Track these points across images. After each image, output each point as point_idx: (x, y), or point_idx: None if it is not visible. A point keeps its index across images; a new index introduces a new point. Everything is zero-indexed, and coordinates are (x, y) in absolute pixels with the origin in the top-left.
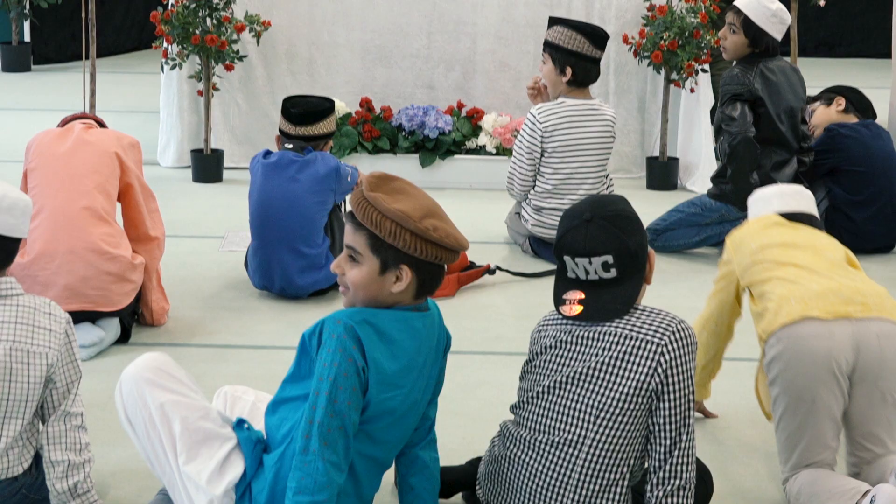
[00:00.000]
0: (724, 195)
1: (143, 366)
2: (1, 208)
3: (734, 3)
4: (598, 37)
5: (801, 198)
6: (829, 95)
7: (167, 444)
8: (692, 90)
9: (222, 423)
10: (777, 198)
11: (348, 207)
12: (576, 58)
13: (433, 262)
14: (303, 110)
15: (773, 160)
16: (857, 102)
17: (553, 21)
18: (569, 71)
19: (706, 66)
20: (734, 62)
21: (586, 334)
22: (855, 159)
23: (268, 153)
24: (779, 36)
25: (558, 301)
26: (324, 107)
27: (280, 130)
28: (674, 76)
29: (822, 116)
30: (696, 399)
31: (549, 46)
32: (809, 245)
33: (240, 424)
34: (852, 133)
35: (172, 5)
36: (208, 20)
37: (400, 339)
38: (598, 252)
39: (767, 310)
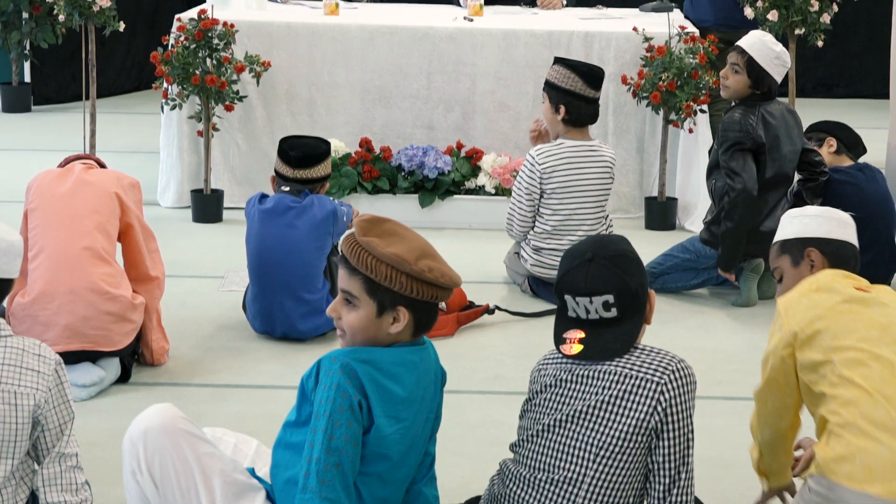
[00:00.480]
0: (716, 241)
1: (171, 416)
2: None
3: (738, 42)
4: (593, 76)
5: (846, 226)
6: (819, 136)
7: (205, 498)
8: (690, 130)
9: (248, 474)
10: (818, 220)
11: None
12: (570, 96)
13: (429, 301)
14: (302, 153)
15: (769, 206)
16: (847, 140)
17: (555, 61)
18: (563, 110)
19: (705, 107)
20: (734, 103)
21: (586, 373)
22: (851, 205)
23: (263, 197)
24: (779, 78)
25: (558, 340)
26: (321, 149)
27: (276, 172)
28: (672, 116)
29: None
30: (774, 485)
31: (546, 85)
32: (884, 335)
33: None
34: (848, 178)
35: (173, 46)
36: (208, 61)
37: (398, 373)
38: (599, 291)
39: (828, 437)
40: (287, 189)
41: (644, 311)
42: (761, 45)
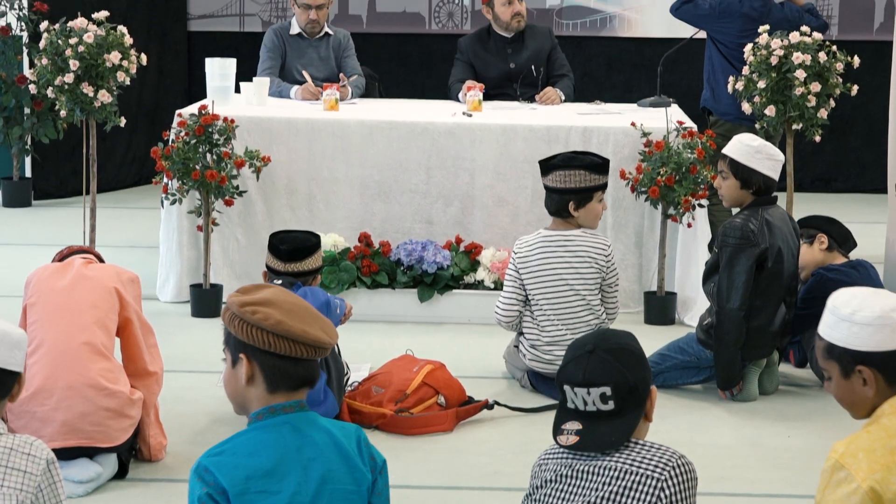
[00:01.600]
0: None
1: None
2: None
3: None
4: (543, 164)
5: None
6: (809, 233)
7: None
8: (689, 225)
9: None
10: (869, 331)
11: None
12: (546, 190)
13: (269, 352)
14: (292, 247)
15: (770, 308)
16: (838, 236)
17: (553, 167)
18: (572, 205)
19: (703, 201)
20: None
21: (586, 468)
22: None
23: None
24: (771, 173)
25: (556, 430)
26: (311, 242)
27: (268, 266)
28: (671, 211)
29: (807, 257)
30: None
31: (555, 192)
32: None
33: None
34: (842, 277)
35: (173, 141)
36: (209, 156)
37: (257, 449)
38: (597, 383)
39: None
40: (279, 282)
41: (643, 407)
42: (739, 145)
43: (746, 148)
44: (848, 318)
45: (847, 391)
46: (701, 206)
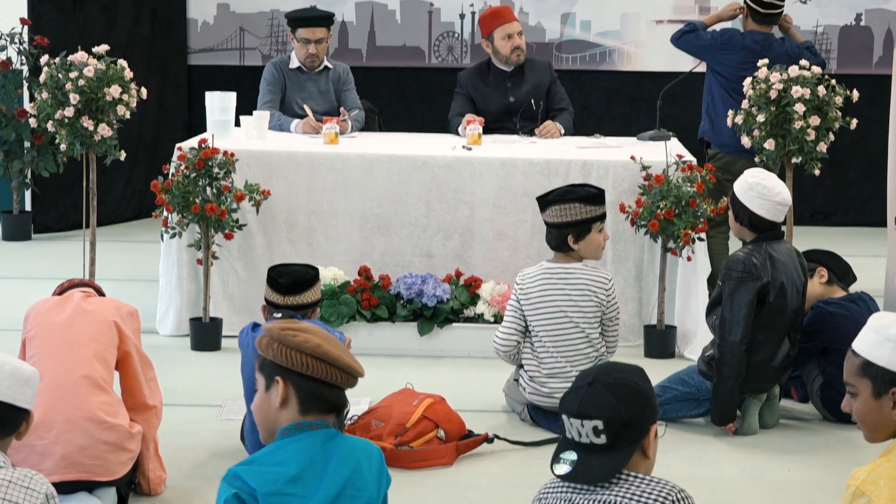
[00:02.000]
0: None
1: None
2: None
3: None
4: (541, 201)
5: None
6: (809, 266)
7: None
8: (689, 258)
9: None
10: None
11: None
12: (545, 226)
13: (307, 375)
14: (290, 280)
15: (774, 342)
16: (838, 270)
17: (552, 203)
18: (571, 239)
19: (703, 235)
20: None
21: (585, 503)
22: (846, 337)
23: (256, 325)
24: (760, 211)
25: (554, 458)
26: (310, 275)
27: (266, 300)
28: (671, 244)
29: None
30: None
31: (554, 227)
32: None
33: None
34: (841, 311)
35: (173, 175)
36: (208, 189)
37: (284, 458)
38: (590, 416)
39: None
40: (279, 316)
41: (638, 444)
42: (741, 178)
43: (743, 182)
44: (894, 338)
45: (873, 411)
46: (700, 239)
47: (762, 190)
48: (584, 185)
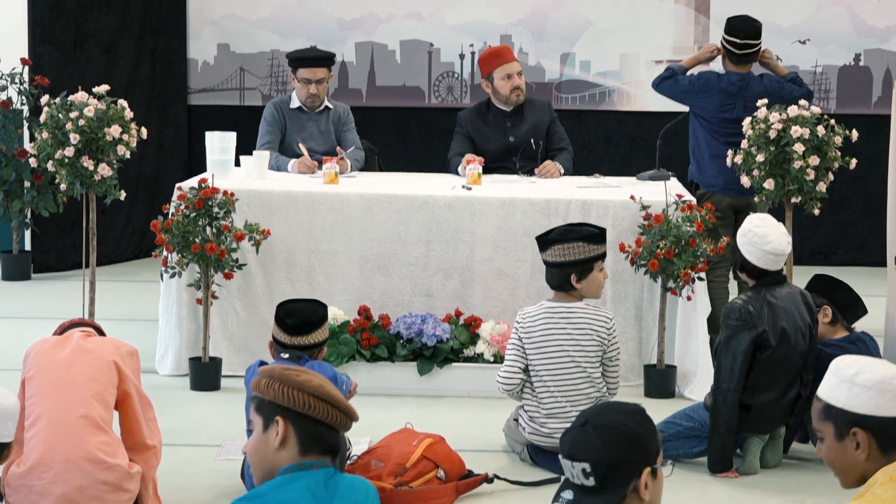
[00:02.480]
0: None
1: None
2: None
3: None
4: (541, 240)
5: None
6: (817, 301)
7: None
8: (689, 298)
9: None
10: (870, 394)
11: None
12: (546, 265)
13: (308, 415)
14: (298, 321)
15: (773, 392)
16: (843, 306)
17: (549, 242)
18: (574, 279)
19: (703, 275)
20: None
21: None
22: None
23: (262, 364)
24: (750, 257)
25: (555, 498)
26: (319, 315)
27: (274, 338)
28: (670, 284)
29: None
30: None
31: (554, 266)
32: None
33: None
34: (839, 353)
35: (173, 214)
36: (208, 229)
37: (287, 499)
38: (578, 457)
39: None
40: (286, 356)
41: (627, 487)
42: (742, 225)
43: (741, 227)
44: (850, 379)
45: (839, 454)
46: (700, 279)
47: (753, 237)
48: (585, 224)
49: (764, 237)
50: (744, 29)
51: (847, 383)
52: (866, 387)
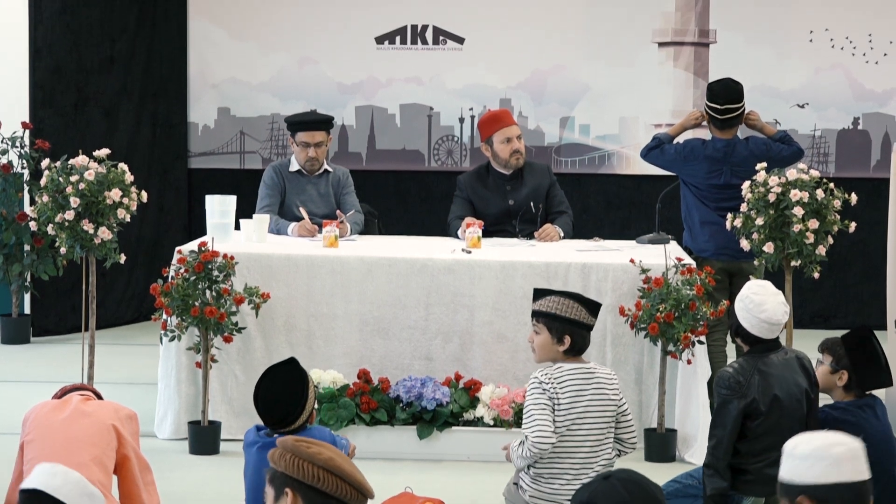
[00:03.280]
0: None
1: None
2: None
3: None
4: (591, 304)
5: (841, 463)
6: (838, 361)
7: None
8: (689, 362)
9: None
10: (807, 463)
11: None
12: (574, 325)
13: (316, 487)
14: (277, 418)
15: (770, 456)
16: (863, 376)
17: (541, 292)
18: (567, 339)
19: (703, 338)
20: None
21: None
22: None
23: (259, 429)
24: (744, 323)
25: None
26: (296, 402)
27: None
28: (670, 348)
29: (822, 381)
30: None
31: (543, 316)
32: None
33: None
34: (847, 416)
35: (173, 277)
36: (208, 292)
37: None
38: None
39: None
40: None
41: None
42: (741, 290)
43: (740, 292)
44: (790, 452)
45: None
46: (700, 342)
47: (750, 304)
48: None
49: (760, 305)
50: (724, 94)
51: (789, 457)
52: (804, 456)
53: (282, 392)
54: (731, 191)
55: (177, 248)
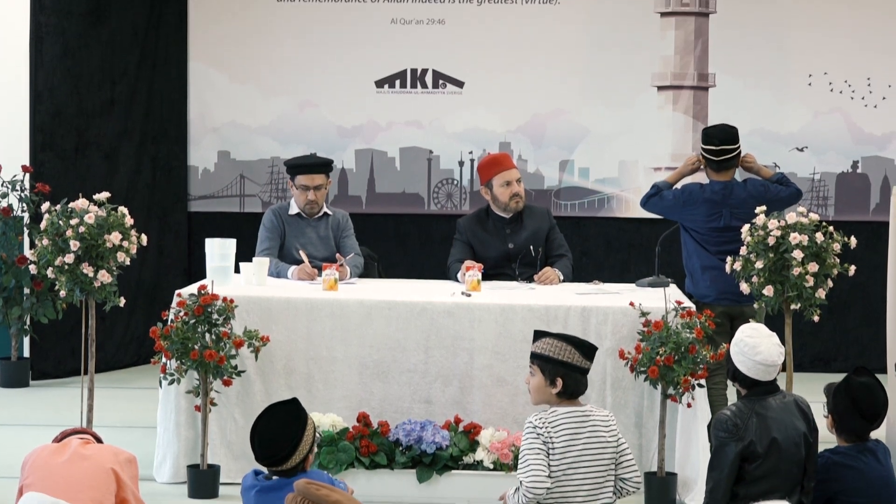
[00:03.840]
0: None
1: None
2: None
3: None
4: (586, 347)
5: None
6: (826, 406)
7: None
8: (689, 405)
9: None
10: None
11: None
12: (567, 368)
13: None
14: (269, 453)
15: (770, 499)
16: (840, 425)
17: (539, 334)
18: (559, 382)
19: (703, 381)
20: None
21: None
22: (851, 490)
23: (257, 473)
24: (740, 366)
25: None
26: (289, 437)
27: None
28: (670, 391)
29: (826, 425)
30: None
31: (537, 358)
32: None
33: None
34: (847, 461)
35: (172, 321)
36: (207, 336)
37: None
38: None
39: None
40: (277, 476)
41: None
42: (735, 334)
43: (735, 336)
44: None
45: None
46: (700, 385)
47: (744, 347)
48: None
49: (755, 347)
50: (719, 135)
51: None
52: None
53: (277, 429)
54: (731, 233)
55: (176, 292)
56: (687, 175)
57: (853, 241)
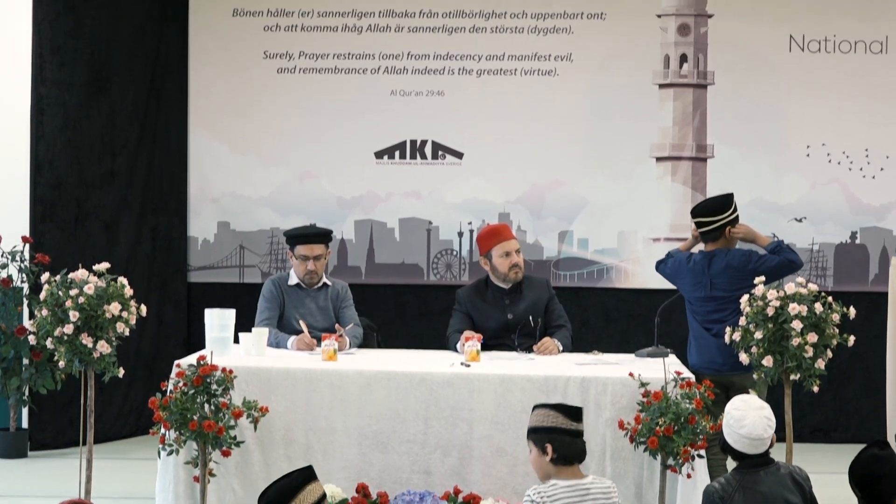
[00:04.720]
0: None
1: None
2: None
3: None
4: (570, 409)
5: None
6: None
7: None
8: (689, 476)
9: None
10: None
11: None
12: (553, 433)
13: None
14: (269, 499)
15: None
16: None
17: (532, 409)
18: (549, 448)
19: (702, 452)
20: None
21: None
22: None
23: None
24: (728, 438)
25: None
26: (291, 485)
27: None
28: (670, 462)
29: None
30: None
31: (529, 433)
32: None
33: None
34: None
35: (171, 391)
36: (206, 406)
37: None
38: None
39: None
40: None
41: None
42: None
43: (726, 407)
44: None
45: None
46: (700, 456)
47: (730, 419)
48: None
49: (740, 420)
50: (699, 209)
51: None
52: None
53: (283, 480)
54: (713, 303)
55: (175, 362)
56: (692, 246)
57: (852, 311)
